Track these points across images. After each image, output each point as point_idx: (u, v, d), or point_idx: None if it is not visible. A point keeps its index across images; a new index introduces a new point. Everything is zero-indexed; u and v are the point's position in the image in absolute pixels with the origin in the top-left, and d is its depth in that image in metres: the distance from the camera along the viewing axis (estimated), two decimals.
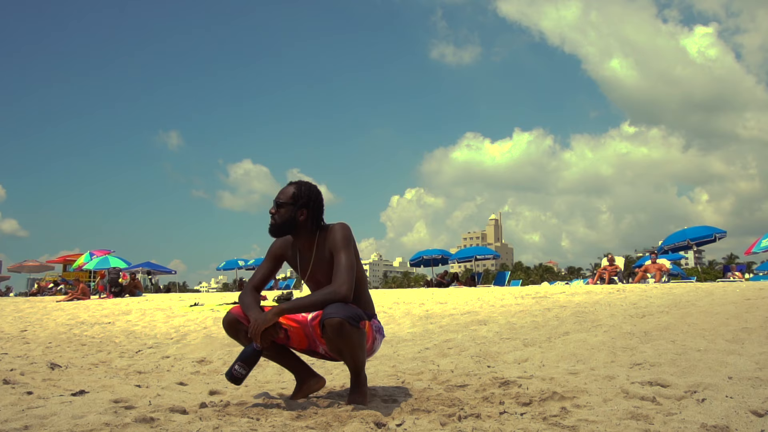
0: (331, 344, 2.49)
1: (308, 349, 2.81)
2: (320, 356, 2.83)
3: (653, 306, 6.11)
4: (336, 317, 2.39)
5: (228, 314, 2.70)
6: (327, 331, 2.42)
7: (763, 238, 15.16)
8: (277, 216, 2.70)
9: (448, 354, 4.16)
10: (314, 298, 2.50)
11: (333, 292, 2.49)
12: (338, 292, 2.49)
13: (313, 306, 2.51)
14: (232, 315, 2.68)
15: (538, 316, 6.00)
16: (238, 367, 2.46)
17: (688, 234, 17.10)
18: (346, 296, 2.49)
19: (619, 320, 5.22)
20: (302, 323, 2.74)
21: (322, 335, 2.48)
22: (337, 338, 2.43)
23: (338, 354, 2.56)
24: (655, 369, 3.06)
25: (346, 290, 2.50)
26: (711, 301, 6.22)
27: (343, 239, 2.63)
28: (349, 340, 2.45)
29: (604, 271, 14.44)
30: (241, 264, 28.94)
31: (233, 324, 2.68)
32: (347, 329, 2.41)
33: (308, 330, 2.73)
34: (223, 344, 5.20)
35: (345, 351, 2.51)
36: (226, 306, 10.20)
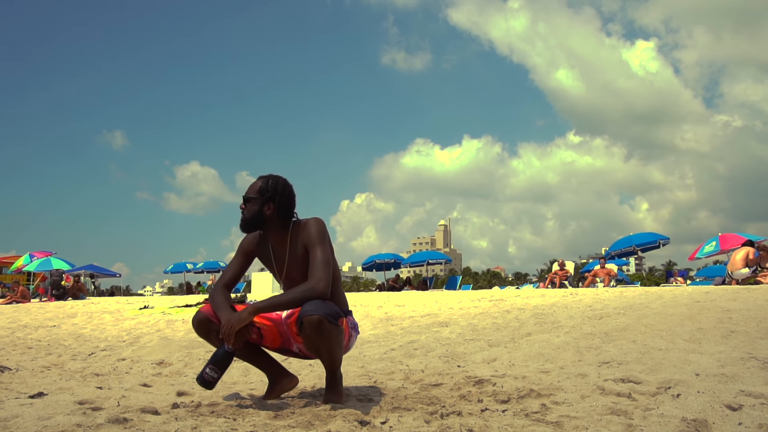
0: (308, 342, 2.42)
1: (282, 348, 2.73)
2: (294, 355, 2.76)
3: (609, 308, 6.26)
4: (315, 314, 2.32)
5: (198, 313, 2.60)
6: (305, 328, 2.34)
7: (706, 244, 15.82)
8: (246, 211, 2.63)
9: (414, 354, 4.14)
10: (291, 295, 2.43)
11: (310, 289, 2.42)
12: (315, 289, 2.42)
13: (290, 303, 2.43)
14: (202, 314, 2.59)
15: (498, 318, 6.06)
16: (209, 370, 2.35)
17: (634, 240, 17.68)
18: (323, 293, 2.42)
19: (578, 322, 5.32)
20: (276, 321, 2.67)
21: (299, 333, 2.41)
22: (316, 336, 2.36)
23: (315, 352, 2.49)
24: (623, 367, 3.12)
25: (324, 287, 2.43)
26: (663, 303, 6.42)
27: (318, 234, 2.55)
28: (327, 338, 2.38)
29: (555, 276, 14.77)
30: (189, 267, 28.31)
31: (204, 323, 2.58)
32: (326, 327, 2.34)
33: (282, 328, 2.66)
34: (181, 346, 5.04)
35: (323, 349, 2.44)
36: (178, 309, 9.93)
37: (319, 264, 2.47)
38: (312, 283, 2.43)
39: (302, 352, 2.69)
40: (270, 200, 2.60)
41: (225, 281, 2.67)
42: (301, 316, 2.35)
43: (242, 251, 2.72)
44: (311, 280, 2.44)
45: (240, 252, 2.72)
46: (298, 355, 2.75)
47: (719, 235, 15.20)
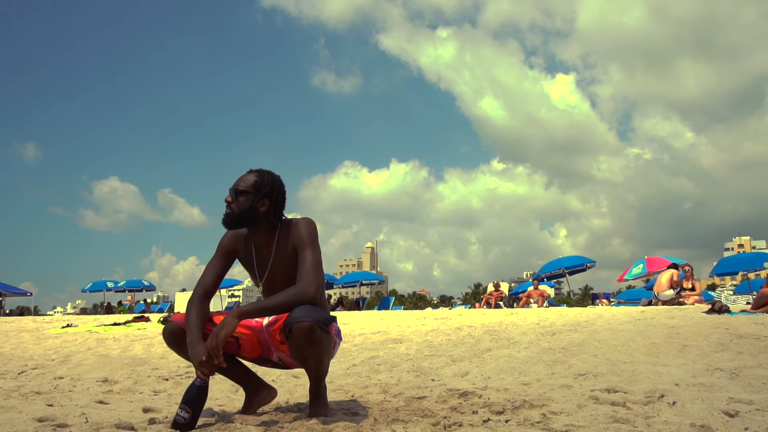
0: (296, 350, 2.23)
1: (260, 358, 2.54)
2: (272, 365, 2.58)
3: (556, 326, 6.35)
4: (306, 321, 2.15)
5: (170, 323, 2.38)
6: (295, 336, 2.16)
7: (634, 266, 16.52)
8: (235, 205, 2.41)
9: (380, 370, 4.02)
10: (279, 299, 2.24)
11: (300, 293, 2.24)
12: (306, 293, 2.25)
13: (277, 308, 2.24)
14: (175, 324, 2.36)
15: (451, 335, 6.02)
16: (180, 410, 2.09)
17: (563, 263, 18.26)
18: (313, 298, 2.26)
19: (533, 338, 5.35)
20: (255, 329, 2.47)
21: (287, 340, 2.22)
22: (306, 344, 2.18)
23: (302, 361, 2.31)
24: (601, 378, 3.12)
25: (314, 291, 2.27)
26: (607, 321, 6.58)
27: (309, 235, 2.38)
28: (318, 346, 2.21)
29: (491, 297, 15.00)
30: (110, 286, 26.93)
31: (177, 334, 2.35)
32: (317, 334, 2.17)
33: (263, 336, 2.47)
34: (123, 363, 4.69)
35: (311, 358, 2.27)
36: (106, 328, 9.36)
37: (310, 267, 2.31)
38: (301, 286, 2.26)
39: (282, 361, 2.52)
40: (266, 197, 2.43)
41: (206, 287, 2.43)
42: (290, 322, 2.17)
43: (223, 251, 2.51)
44: (300, 283, 2.27)
45: (220, 252, 2.51)
46: (276, 365, 2.57)
47: (646, 258, 15.95)
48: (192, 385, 2.13)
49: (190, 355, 2.19)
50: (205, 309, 2.37)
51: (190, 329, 2.26)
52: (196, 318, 2.30)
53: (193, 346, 2.19)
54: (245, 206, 2.40)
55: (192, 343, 2.21)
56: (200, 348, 2.17)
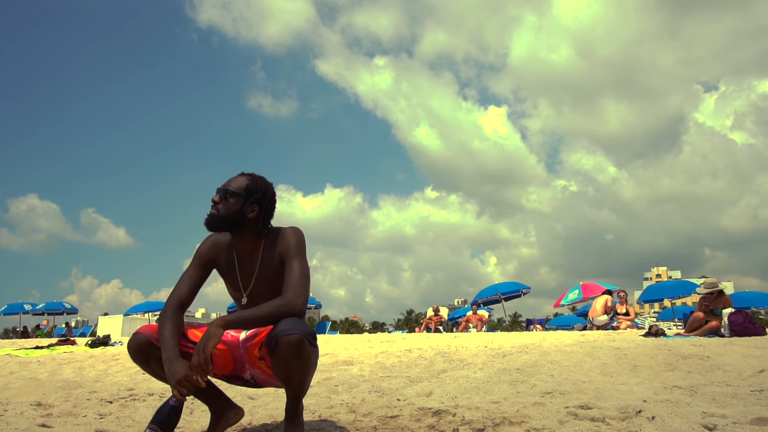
0: (281, 366, 2.08)
1: (231, 375, 2.38)
2: (242, 383, 2.42)
3: (505, 348, 6.38)
4: (295, 333, 2.01)
5: (138, 335, 2.19)
6: (282, 350, 2.02)
7: (569, 292, 16.98)
8: (222, 206, 2.26)
9: (338, 391, 3.89)
10: (266, 310, 2.09)
11: (288, 304, 2.11)
12: (294, 305, 2.12)
13: (264, 319, 2.09)
14: (143, 336, 2.17)
15: (401, 356, 5.94)
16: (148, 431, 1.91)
17: (500, 288, 18.57)
18: (302, 310, 2.14)
19: (485, 359, 5.35)
20: (231, 344, 2.30)
21: (272, 355, 2.09)
22: (293, 359, 2.04)
23: (284, 378, 2.14)
24: (568, 396, 3.12)
25: (302, 303, 2.14)
26: (552, 344, 6.67)
27: (298, 245, 2.26)
28: (305, 361, 2.07)
29: (430, 321, 15.02)
30: (27, 308, 25.35)
31: (144, 348, 2.16)
32: (306, 349, 2.04)
33: (238, 352, 2.31)
34: (56, 387, 4.35)
35: (296, 374, 2.11)
36: (27, 351, 8.74)
37: (298, 278, 2.18)
38: (290, 298, 2.13)
39: (254, 379, 2.36)
40: (257, 202, 2.30)
41: (179, 299, 2.24)
42: (276, 335, 2.02)
43: (200, 261, 2.34)
44: (288, 294, 2.14)
45: (197, 262, 2.34)
46: (247, 383, 2.40)
47: (581, 284, 16.45)
48: (165, 404, 1.96)
49: (166, 372, 2.01)
50: (180, 322, 2.19)
51: (166, 344, 2.08)
52: (171, 332, 2.12)
53: (170, 362, 2.01)
54: (233, 209, 2.27)
55: (169, 359, 2.03)
56: (178, 365, 2.00)
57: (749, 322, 6.81)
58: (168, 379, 1.99)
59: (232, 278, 2.36)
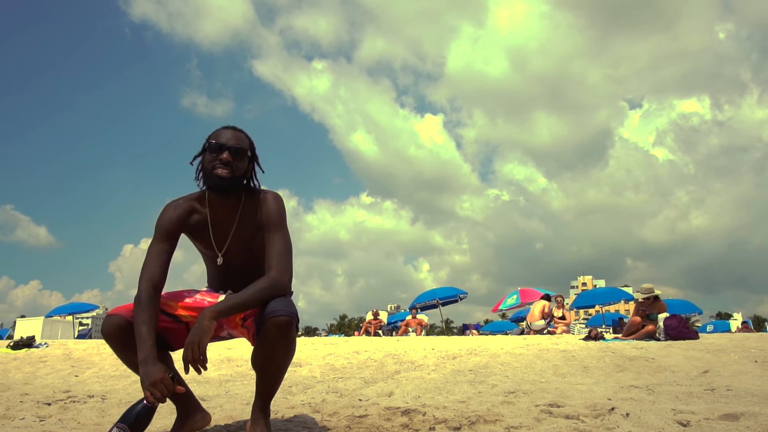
0: (265, 348, 1.94)
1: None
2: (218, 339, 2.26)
3: (453, 351, 6.37)
4: (284, 315, 1.88)
5: (113, 317, 2.00)
6: (270, 331, 1.89)
7: (508, 297, 17.29)
8: (236, 166, 2.10)
9: (293, 392, 3.75)
10: (255, 292, 1.95)
11: (277, 283, 1.98)
12: (281, 283, 1.99)
13: (255, 302, 1.95)
14: (119, 317, 1.99)
15: (350, 358, 5.83)
16: (116, 430, 1.75)
17: (437, 293, 18.70)
18: (287, 287, 2.02)
19: (436, 361, 5.31)
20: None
21: (258, 335, 1.94)
22: (279, 341, 1.91)
23: (265, 363, 1.99)
24: (533, 396, 3.10)
25: (288, 279, 2.03)
26: (498, 346, 6.72)
27: (280, 215, 2.13)
28: (291, 345, 1.96)
29: (370, 325, 14.94)
30: None
31: (123, 330, 1.98)
32: (293, 333, 1.93)
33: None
34: None
35: (278, 357, 1.97)
36: None
37: (282, 251, 2.05)
38: (276, 274, 1.99)
39: (231, 335, 2.24)
40: (255, 160, 2.19)
41: (152, 280, 2.03)
42: (267, 315, 1.89)
43: (165, 233, 2.12)
44: (273, 271, 2.00)
45: (162, 234, 2.12)
46: (223, 339, 2.29)
47: (519, 289, 16.81)
48: (137, 404, 1.80)
49: (141, 373, 1.83)
50: (157, 309, 2.00)
51: (143, 341, 1.88)
52: (148, 326, 1.92)
53: (146, 364, 1.83)
54: (243, 168, 2.14)
55: (145, 360, 1.84)
56: (153, 368, 1.82)
57: (683, 326, 7.08)
58: (142, 381, 1.82)
59: (204, 239, 2.18)
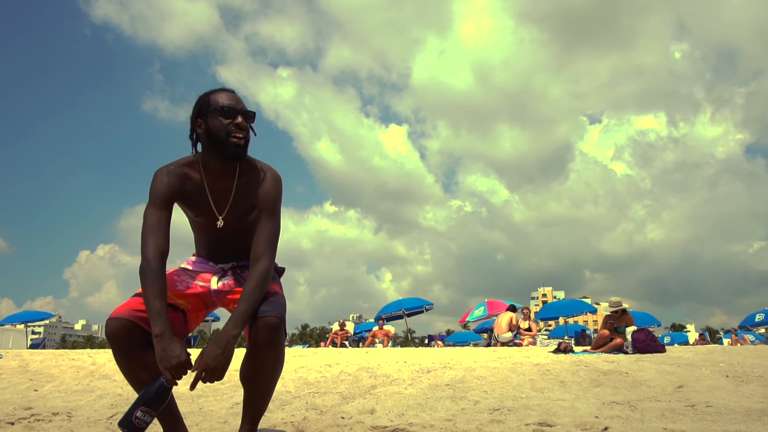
0: (255, 353, 1.94)
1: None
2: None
3: (426, 364, 6.32)
4: (274, 315, 1.89)
5: (115, 320, 1.89)
6: (261, 334, 1.88)
7: (475, 308, 17.35)
8: (248, 132, 2.08)
9: (270, 408, 3.62)
10: (261, 287, 1.92)
11: (267, 275, 1.96)
12: (270, 272, 1.98)
13: (260, 299, 1.92)
14: (123, 319, 1.89)
15: (323, 371, 5.72)
16: (140, 413, 1.69)
17: (403, 304, 18.67)
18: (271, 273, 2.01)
19: (411, 375, 5.24)
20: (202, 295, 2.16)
21: (250, 335, 1.93)
22: (270, 345, 1.90)
23: (254, 373, 1.99)
24: (519, 413, 3.07)
25: (272, 265, 2.03)
26: (471, 359, 6.69)
27: (277, 199, 2.09)
28: (281, 349, 1.96)
29: (336, 336, 14.80)
30: None
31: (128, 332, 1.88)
32: (282, 335, 1.92)
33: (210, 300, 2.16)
34: None
35: (266, 367, 1.97)
36: None
37: (272, 238, 2.04)
38: (266, 264, 1.97)
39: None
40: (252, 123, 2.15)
41: (159, 247, 1.96)
42: (259, 314, 1.89)
43: (161, 201, 2.04)
44: (264, 259, 1.98)
45: (159, 203, 2.03)
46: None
47: (486, 301, 16.89)
48: (155, 382, 1.74)
49: (158, 351, 1.74)
50: (165, 282, 1.93)
51: (157, 315, 1.80)
52: (160, 299, 1.84)
53: (164, 339, 1.76)
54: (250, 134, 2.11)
55: (162, 335, 1.77)
56: (174, 346, 1.74)
57: (651, 339, 7.19)
58: (159, 360, 1.74)
59: (201, 205, 2.11)
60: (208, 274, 2.18)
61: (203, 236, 2.21)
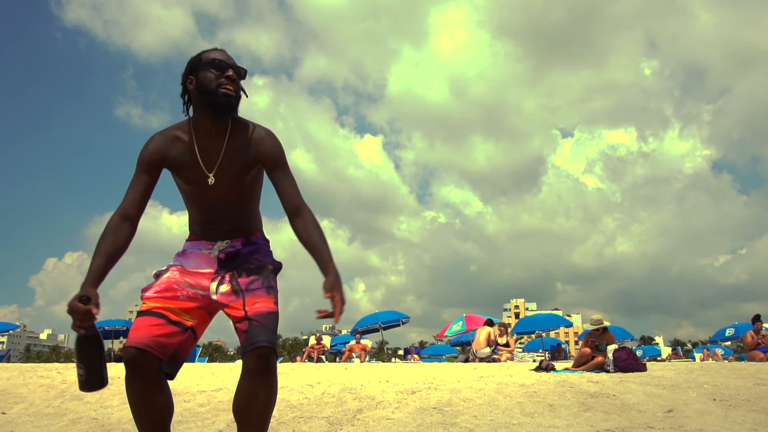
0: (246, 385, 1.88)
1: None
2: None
3: (410, 384, 6.21)
4: (264, 345, 1.83)
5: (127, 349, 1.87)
6: (253, 364, 1.83)
7: (453, 323, 17.30)
8: (239, 87, 2.08)
9: None
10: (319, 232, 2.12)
11: (316, 219, 2.13)
12: (313, 215, 2.13)
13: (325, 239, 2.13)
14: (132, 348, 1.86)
15: (305, 392, 5.58)
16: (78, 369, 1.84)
17: (380, 317, 18.55)
18: None
19: (397, 397, 5.14)
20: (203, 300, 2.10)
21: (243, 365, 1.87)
22: (260, 375, 1.85)
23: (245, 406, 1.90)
24: None
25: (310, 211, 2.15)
26: (454, 379, 6.60)
27: (283, 151, 2.11)
28: (273, 379, 1.89)
29: (313, 350, 14.60)
30: None
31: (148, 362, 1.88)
32: (274, 364, 1.87)
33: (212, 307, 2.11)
34: None
35: (259, 398, 1.88)
36: None
37: (298, 187, 2.13)
38: (308, 208, 2.11)
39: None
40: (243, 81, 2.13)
41: (124, 210, 2.00)
42: (251, 343, 1.83)
43: (144, 165, 2.05)
44: (305, 205, 2.10)
45: (141, 167, 2.05)
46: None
47: (465, 315, 16.86)
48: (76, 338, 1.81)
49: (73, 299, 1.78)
50: (122, 239, 1.97)
51: (89, 271, 1.86)
52: (101, 258, 1.90)
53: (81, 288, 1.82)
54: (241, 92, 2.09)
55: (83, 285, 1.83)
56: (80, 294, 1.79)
57: (632, 358, 7.19)
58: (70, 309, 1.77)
59: (189, 167, 2.06)
60: (206, 279, 2.07)
61: (195, 206, 2.16)
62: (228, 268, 2.10)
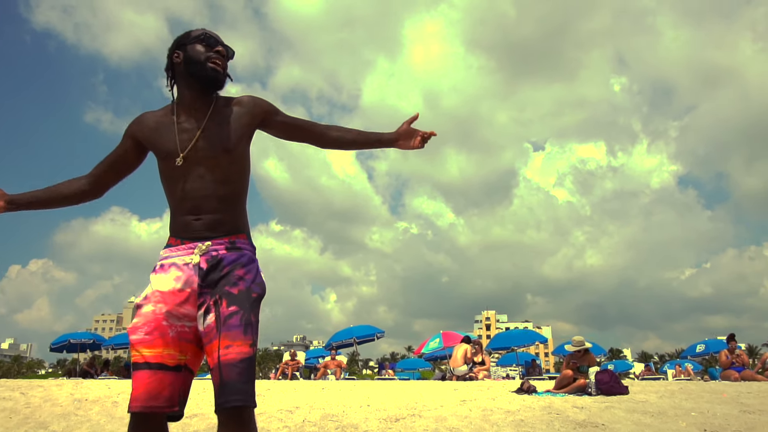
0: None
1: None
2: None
3: (392, 410, 6.05)
4: (241, 402, 1.67)
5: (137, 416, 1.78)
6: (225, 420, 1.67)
7: (431, 340, 17.17)
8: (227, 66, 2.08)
9: None
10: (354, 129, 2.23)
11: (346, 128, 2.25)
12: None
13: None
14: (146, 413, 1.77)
15: (284, 419, 5.39)
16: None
17: (354, 332, 18.36)
18: None
19: (379, 425, 4.98)
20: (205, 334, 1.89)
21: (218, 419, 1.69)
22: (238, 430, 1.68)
23: None
24: None
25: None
26: (437, 403, 6.47)
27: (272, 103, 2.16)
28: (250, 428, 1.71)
29: (287, 366, 14.31)
30: None
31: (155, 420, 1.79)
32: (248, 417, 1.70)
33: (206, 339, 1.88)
34: None
35: None
36: None
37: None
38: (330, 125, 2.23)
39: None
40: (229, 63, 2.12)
41: (93, 170, 2.12)
42: (222, 402, 1.67)
43: (124, 135, 2.11)
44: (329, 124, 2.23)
45: (124, 136, 2.11)
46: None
47: (441, 332, 16.74)
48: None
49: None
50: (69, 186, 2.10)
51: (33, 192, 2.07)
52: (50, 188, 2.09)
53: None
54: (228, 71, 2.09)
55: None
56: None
57: (615, 381, 7.14)
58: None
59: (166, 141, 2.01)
60: (191, 307, 1.90)
61: (172, 186, 2.02)
62: (212, 287, 1.92)
